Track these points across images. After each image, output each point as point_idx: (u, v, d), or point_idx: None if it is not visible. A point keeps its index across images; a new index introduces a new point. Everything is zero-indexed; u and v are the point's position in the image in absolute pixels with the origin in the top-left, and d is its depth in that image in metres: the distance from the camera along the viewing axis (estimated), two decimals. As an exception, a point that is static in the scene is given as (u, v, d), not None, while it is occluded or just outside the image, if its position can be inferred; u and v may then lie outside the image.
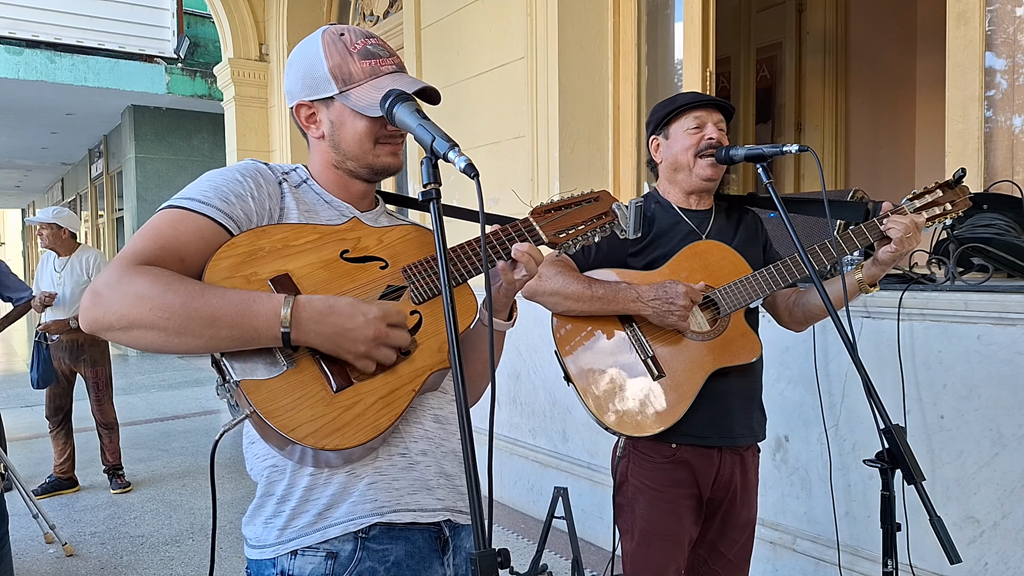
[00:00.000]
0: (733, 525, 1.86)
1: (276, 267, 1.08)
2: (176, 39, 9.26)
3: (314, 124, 1.21)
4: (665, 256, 1.78)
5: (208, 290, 1.01)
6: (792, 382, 2.65)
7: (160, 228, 1.06)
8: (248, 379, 1.01)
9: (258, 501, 1.14)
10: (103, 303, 0.98)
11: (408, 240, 1.20)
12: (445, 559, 1.18)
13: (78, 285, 4.41)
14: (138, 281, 0.98)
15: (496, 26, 4.07)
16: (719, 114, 1.82)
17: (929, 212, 1.66)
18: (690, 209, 1.85)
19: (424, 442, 1.17)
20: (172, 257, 1.04)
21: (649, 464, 1.79)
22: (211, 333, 0.99)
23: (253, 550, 1.14)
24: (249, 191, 1.12)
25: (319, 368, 1.05)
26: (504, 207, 4.05)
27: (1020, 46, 2.43)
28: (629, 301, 1.71)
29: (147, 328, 0.98)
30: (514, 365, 3.93)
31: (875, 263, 1.65)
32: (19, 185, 18.64)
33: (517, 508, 3.96)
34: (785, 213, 1.56)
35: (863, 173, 5.66)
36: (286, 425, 1.00)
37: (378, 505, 1.11)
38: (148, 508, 4.19)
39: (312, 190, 1.22)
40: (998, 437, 2.15)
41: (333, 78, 1.16)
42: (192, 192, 1.11)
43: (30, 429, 6.18)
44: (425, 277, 1.16)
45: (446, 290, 0.94)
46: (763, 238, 1.94)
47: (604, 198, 1.30)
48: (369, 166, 1.21)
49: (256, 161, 1.20)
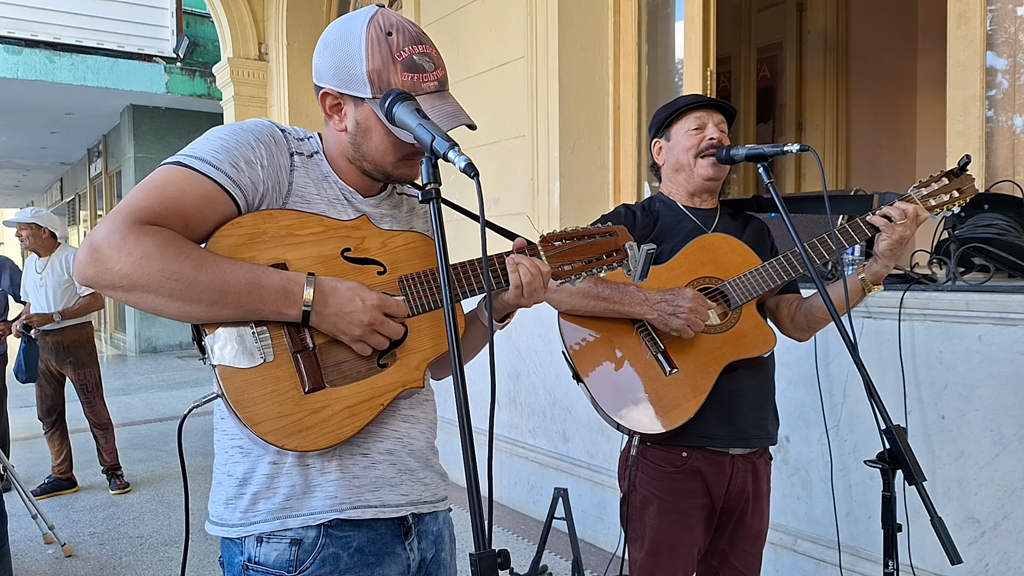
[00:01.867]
0: (744, 535, 1.83)
1: (275, 254, 1.07)
2: (175, 38, 9.25)
3: (338, 115, 1.15)
4: (671, 251, 1.77)
5: (218, 259, 1.00)
6: (792, 382, 2.65)
7: (166, 187, 1.02)
8: (224, 365, 1.02)
9: (218, 477, 1.15)
10: (104, 260, 0.95)
11: (411, 248, 1.18)
12: (408, 543, 1.19)
13: (60, 285, 4.34)
14: (146, 241, 0.95)
15: (496, 26, 4.06)
16: (720, 115, 1.81)
17: (937, 200, 1.64)
18: (695, 208, 1.85)
19: (390, 442, 1.16)
20: (176, 219, 1.00)
21: (658, 473, 1.76)
22: (218, 303, 0.99)
23: (214, 526, 1.14)
24: (259, 159, 1.08)
25: (295, 366, 1.05)
26: (504, 207, 4.05)
27: (1021, 45, 2.42)
28: (635, 304, 1.69)
29: (152, 292, 0.96)
30: (514, 365, 3.92)
31: (876, 259, 1.63)
32: (18, 185, 18.63)
33: (517, 508, 3.95)
34: (786, 213, 1.55)
35: (864, 173, 5.66)
36: (252, 418, 1.01)
37: (338, 502, 1.11)
38: (147, 508, 4.18)
39: (321, 166, 1.18)
40: (999, 437, 2.15)
41: (370, 82, 1.08)
42: (202, 151, 1.06)
43: (29, 429, 6.17)
44: (420, 290, 1.14)
45: (446, 290, 0.94)
46: (769, 243, 1.93)
47: (621, 235, 1.29)
48: (386, 175, 1.18)
49: (272, 124, 1.14)
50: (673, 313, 1.65)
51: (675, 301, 1.66)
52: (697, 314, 1.65)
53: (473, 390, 3.99)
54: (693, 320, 1.65)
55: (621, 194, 3.85)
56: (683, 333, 1.67)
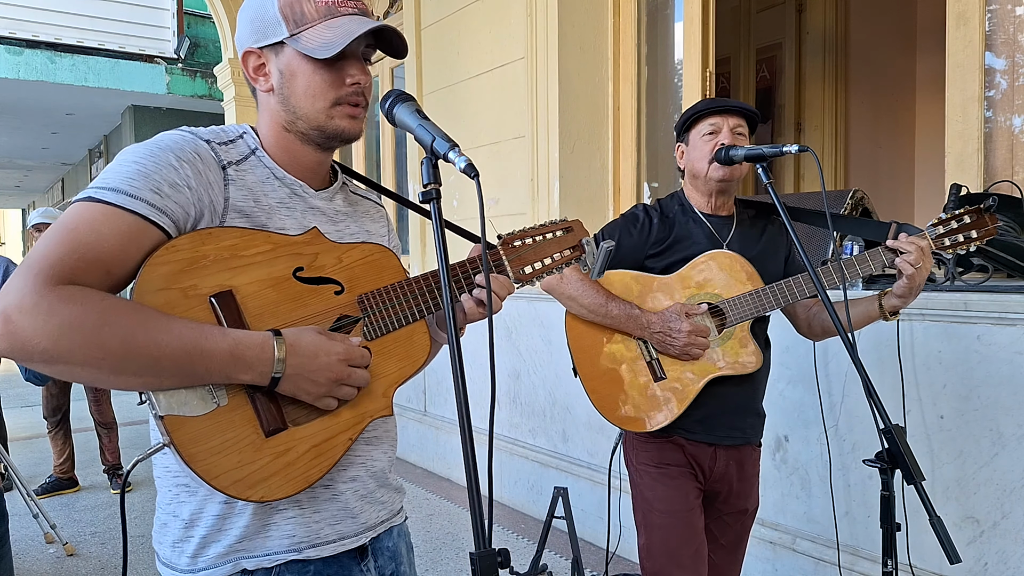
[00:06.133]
0: (729, 512, 1.91)
1: (219, 280, 0.95)
2: (176, 39, 9.25)
3: (263, 76, 1.06)
4: (683, 261, 1.82)
5: (151, 323, 0.87)
6: (792, 382, 2.65)
7: (78, 231, 0.88)
8: (173, 415, 0.91)
9: (163, 518, 1.06)
10: (18, 333, 0.82)
11: (370, 263, 1.09)
12: (364, 564, 1.14)
13: None
14: (61, 311, 0.83)
15: (496, 26, 4.07)
16: (737, 118, 1.81)
17: (952, 239, 1.64)
18: (712, 215, 1.87)
19: (354, 468, 1.11)
20: (95, 269, 0.88)
21: (644, 445, 1.88)
22: (155, 374, 0.88)
23: (164, 567, 1.06)
24: (185, 180, 0.95)
25: (252, 408, 0.96)
26: (504, 207, 4.06)
27: (1020, 46, 2.43)
28: (637, 328, 1.79)
29: (78, 366, 0.85)
30: (514, 365, 3.93)
31: (894, 295, 1.65)
32: (19, 185, 18.64)
33: (517, 508, 3.96)
34: (787, 218, 1.56)
35: (863, 173, 5.66)
36: (208, 472, 0.92)
37: (296, 540, 1.04)
38: (148, 508, 4.18)
39: (262, 163, 1.06)
40: (998, 437, 2.15)
41: (284, 19, 1.01)
42: (115, 180, 0.92)
43: (30, 429, 6.18)
44: (381, 310, 1.07)
45: (446, 291, 0.94)
46: (786, 248, 1.94)
47: (576, 229, 1.26)
48: (320, 128, 1.05)
49: (193, 136, 1.01)
50: (670, 344, 1.76)
51: (671, 332, 1.75)
52: (693, 346, 1.75)
53: (473, 390, 4.00)
54: (690, 351, 1.76)
55: (621, 194, 3.86)
56: (682, 359, 1.78)
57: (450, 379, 0.93)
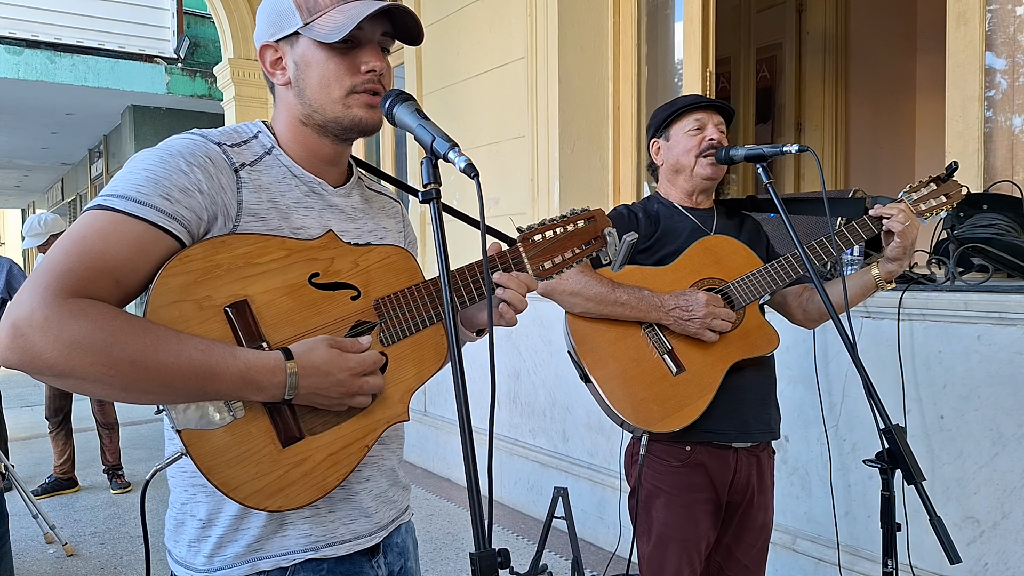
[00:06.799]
0: (749, 529, 1.84)
1: (234, 290, 0.94)
2: (176, 39, 9.25)
3: (280, 70, 1.06)
4: (674, 253, 1.79)
5: (160, 345, 0.86)
6: (792, 382, 2.65)
7: (88, 241, 0.88)
8: (190, 429, 0.92)
9: (178, 516, 1.07)
10: (29, 348, 0.82)
11: (386, 265, 1.08)
12: (375, 561, 1.15)
13: None
14: (72, 326, 0.82)
15: (496, 26, 4.07)
16: (719, 116, 1.84)
17: (926, 204, 1.68)
18: (693, 208, 1.87)
19: (368, 469, 1.12)
20: (105, 280, 0.88)
21: (663, 467, 1.78)
22: (167, 393, 0.88)
23: (179, 567, 1.07)
24: (196, 185, 0.94)
25: (269, 419, 0.96)
26: (504, 207, 4.06)
27: (1020, 46, 2.43)
28: (651, 310, 1.71)
29: (88, 381, 0.85)
30: (514, 365, 3.93)
31: (888, 260, 1.67)
32: (19, 185, 18.64)
33: (517, 508, 3.96)
34: (785, 214, 1.56)
35: (863, 173, 5.66)
36: (227, 483, 0.93)
37: (312, 540, 1.05)
38: (148, 508, 4.18)
39: (278, 161, 1.06)
40: (998, 437, 2.15)
41: (298, 8, 1.02)
42: (125, 187, 0.91)
43: (30, 429, 6.18)
44: (398, 315, 1.06)
45: (447, 291, 0.94)
46: (764, 241, 1.95)
47: (599, 218, 1.22)
48: (336, 120, 1.05)
49: (204, 138, 1.00)
50: (689, 319, 1.68)
51: (688, 307, 1.69)
52: (713, 316, 1.67)
53: (473, 390, 4.00)
54: (709, 323, 1.68)
55: (621, 194, 3.86)
56: (702, 336, 1.70)
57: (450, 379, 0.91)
